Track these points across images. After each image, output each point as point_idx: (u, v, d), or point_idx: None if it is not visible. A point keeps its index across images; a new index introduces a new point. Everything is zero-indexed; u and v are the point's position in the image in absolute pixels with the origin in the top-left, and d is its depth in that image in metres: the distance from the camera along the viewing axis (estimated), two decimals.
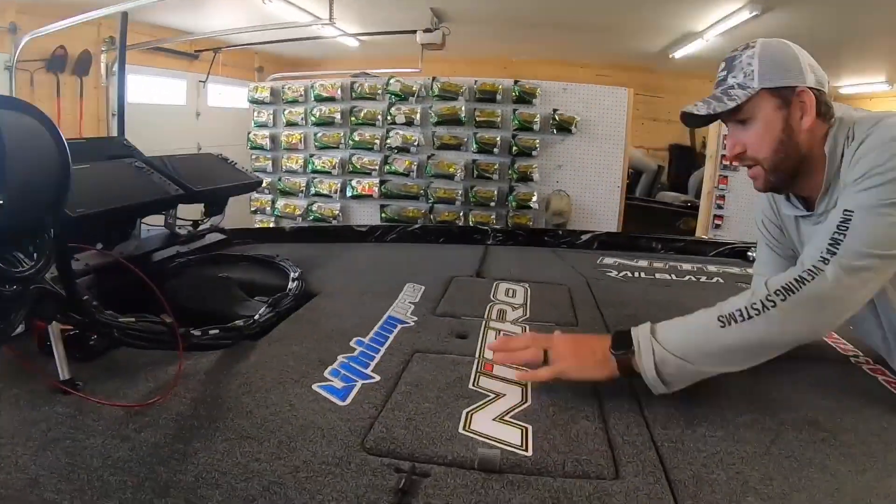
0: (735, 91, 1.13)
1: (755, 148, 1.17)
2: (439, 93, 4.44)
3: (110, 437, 0.89)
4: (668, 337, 1.07)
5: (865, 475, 0.91)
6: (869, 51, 6.49)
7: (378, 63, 6.73)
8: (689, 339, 1.06)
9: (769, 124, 1.14)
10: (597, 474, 0.87)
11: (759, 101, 1.13)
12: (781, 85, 1.12)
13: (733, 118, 1.17)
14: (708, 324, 1.05)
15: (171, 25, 6.53)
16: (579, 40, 7.66)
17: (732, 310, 1.04)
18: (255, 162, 4.78)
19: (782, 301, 1.02)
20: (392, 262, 2.14)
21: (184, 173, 1.66)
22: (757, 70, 1.12)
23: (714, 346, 1.05)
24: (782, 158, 1.16)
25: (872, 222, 1.01)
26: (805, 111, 1.13)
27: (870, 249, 1.00)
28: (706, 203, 4.49)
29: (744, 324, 1.03)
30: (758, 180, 1.21)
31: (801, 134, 1.14)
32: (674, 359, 1.04)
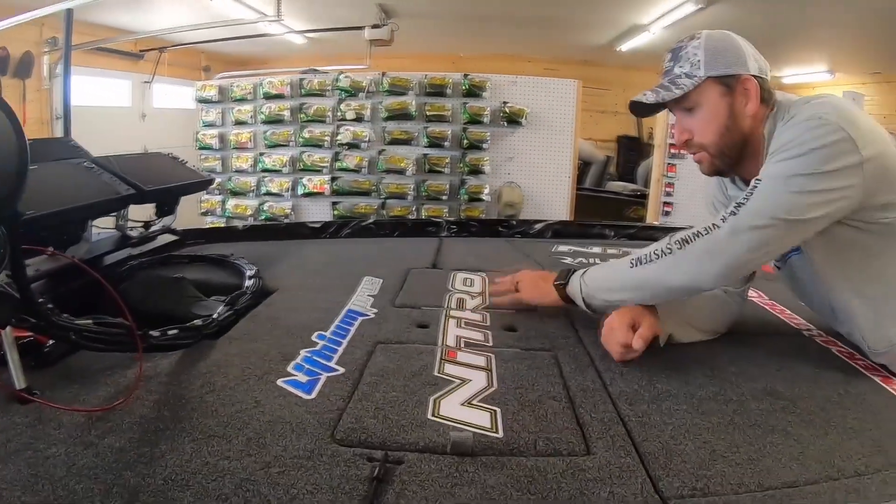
0: (682, 80, 1.18)
1: (701, 134, 1.22)
2: (389, 88, 4.44)
3: (73, 445, 0.86)
4: (593, 276, 1.31)
5: (827, 438, 0.95)
6: (811, 41, 6.72)
7: (325, 61, 6.66)
8: (607, 277, 1.29)
9: (715, 111, 1.20)
10: (568, 451, 0.88)
11: (705, 89, 1.19)
12: (726, 73, 1.18)
13: (680, 106, 1.22)
14: (623, 265, 1.24)
15: (114, 25, 6.33)
16: (527, 35, 7.73)
17: (642, 254, 1.20)
18: (203, 162, 4.69)
19: (678, 249, 1.15)
20: (348, 256, 2.12)
21: (134, 173, 1.61)
22: (703, 59, 1.17)
23: (625, 282, 1.23)
24: (727, 143, 1.21)
25: (776, 189, 1.08)
26: (749, 98, 1.19)
27: (769, 212, 1.07)
28: (655, 191, 4.59)
29: (647, 265, 1.19)
30: (703, 165, 1.27)
31: (745, 119, 1.20)
32: (596, 291, 1.29)
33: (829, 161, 1.05)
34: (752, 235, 1.09)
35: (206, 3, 5.39)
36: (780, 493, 0.79)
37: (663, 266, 1.16)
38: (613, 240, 2.70)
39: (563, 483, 0.79)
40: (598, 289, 1.29)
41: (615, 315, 1.21)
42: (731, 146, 1.22)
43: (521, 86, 4.50)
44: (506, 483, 0.79)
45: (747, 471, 0.84)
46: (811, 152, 1.06)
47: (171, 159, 1.98)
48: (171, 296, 1.50)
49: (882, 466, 0.87)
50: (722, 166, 1.26)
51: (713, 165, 1.26)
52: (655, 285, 1.20)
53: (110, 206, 1.59)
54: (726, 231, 1.10)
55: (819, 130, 1.07)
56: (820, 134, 1.06)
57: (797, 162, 1.07)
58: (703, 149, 1.24)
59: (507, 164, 4.57)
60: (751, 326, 1.48)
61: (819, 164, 1.05)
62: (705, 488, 0.80)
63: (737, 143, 1.22)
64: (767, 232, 1.09)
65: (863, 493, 0.80)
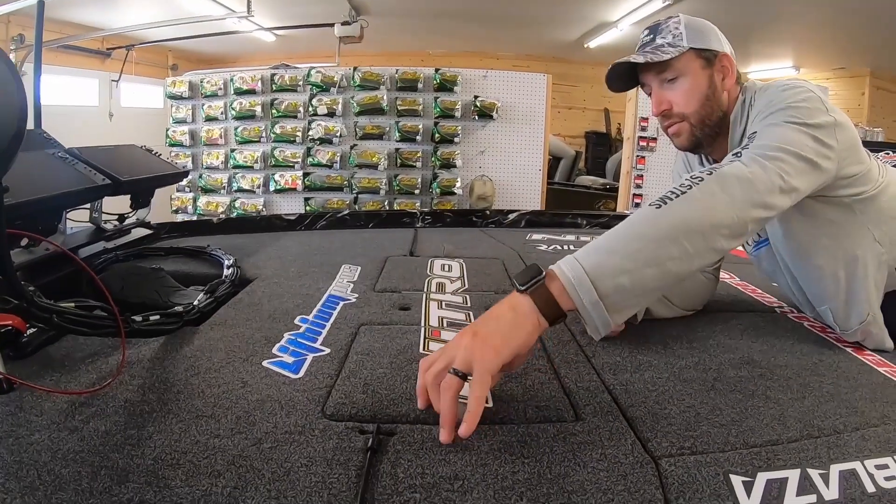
0: (666, 48, 1.20)
1: (682, 104, 1.24)
2: (361, 83, 4.42)
3: (56, 430, 0.85)
4: (587, 250, 0.91)
5: (805, 401, 0.99)
6: (777, 37, 6.88)
7: (295, 58, 6.63)
8: (615, 247, 0.91)
9: (696, 81, 1.23)
10: (558, 417, 0.90)
11: (688, 60, 1.22)
12: (706, 47, 1.22)
13: (661, 77, 1.24)
14: (630, 220, 0.95)
15: (81, 21, 6.20)
16: (496, 32, 7.78)
17: (650, 202, 0.96)
18: (174, 159, 4.61)
19: (699, 182, 0.95)
20: (325, 246, 2.13)
21: (109, 163, 1.58)
22: (684, 33, 1.22)
23: (648, 237, 0.91)
24: (708, 113, 1.24)
25: (777, 130, 1.06)
26: (726, 74, 1.25)
27: (779, 144, 1.02)
28: (625, 183, 4.66)
29: (672, 206, 0.93)
30: (681, 136, 1.28)
31: (723, 94, 1.25)
32: (605, 275, 0.86)
33: (812, 116, 1.08)
34: (775, 164, 1.00)
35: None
36: (764, 451, 0.82)
37: (694, 199, 0.93)
38: (586, 228, 2.74)
39: (554, 447, 0.81)
40: (609, 269, 0.87)
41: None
42: (711, 117, 1.25)
43: (492, 80, 4.53)
44: (499, 449, 0.80)
45: (731, 431, 0.87)
46: (792, 107, 1.08)
47: (145, 151, 1.96)
48: (149, 285, 1.48)
49: (859, 425, 0.91)
50: (701, 137, 1.28)
51: (692, 136, 1.27)
52: (696, 228, 0.91)
53: (86, 196, 1.56)
54: (746, 158, 1.00)
55: (794, 91, 1.11)
56: (797, 93, 1.10)
57: (784, 112, 1.08)
58: (683, 118, 1.25)
59: (479, 158, 4.61)
60: (725, 304, 1.53)
61: (804, 117, 1.07)
62: (693, 447, 0.82)
63: (716, 115, 1.25)
64: (785, 162, 1.01)
65: (843, 448, 0.83)
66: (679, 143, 1.30)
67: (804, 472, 0.77)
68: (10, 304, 0.88)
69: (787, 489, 0.74)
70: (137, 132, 5.98)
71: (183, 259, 1.86)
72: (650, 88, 1.28)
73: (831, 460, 0.80)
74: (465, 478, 0.74)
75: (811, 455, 0.81)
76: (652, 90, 1.27)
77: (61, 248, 1.15)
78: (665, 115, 1.26)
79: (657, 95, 1.26)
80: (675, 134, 1.28)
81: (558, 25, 7.27)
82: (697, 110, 1.24)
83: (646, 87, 1.29)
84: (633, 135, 4.61)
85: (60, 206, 1.48)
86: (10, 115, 0.69)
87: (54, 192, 1.37)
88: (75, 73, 6.41)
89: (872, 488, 0.75)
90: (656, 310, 1.34)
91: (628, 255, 0.89)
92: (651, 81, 1.26)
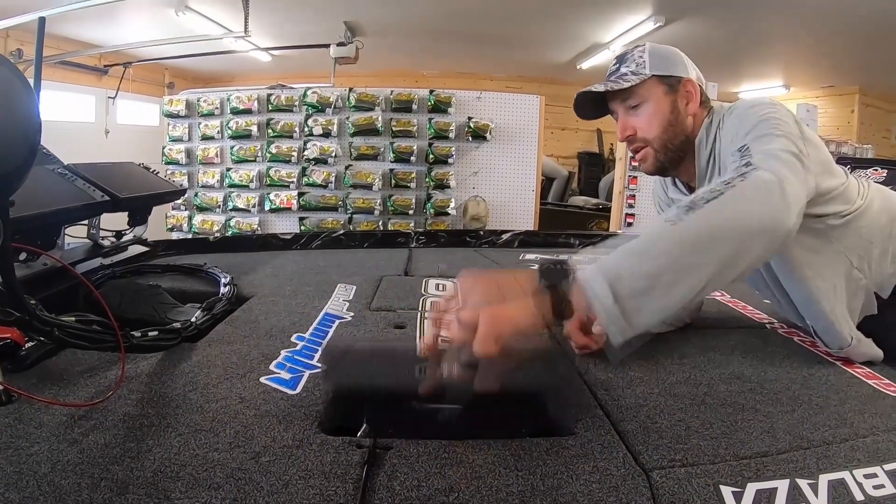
0: (629, 76, 1.25)
1: (646, 129, 1.28)
2: (356, 104, 4.45)
3: (56, 442, 0.86)
4: (612, 256, 0.87)
5: (795, 414, 1.01)
6: (767, 56, 6.97)
7: (290, 78, 6.69)
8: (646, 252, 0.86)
9: (658, 106, 1.27)
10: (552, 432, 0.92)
11: (650, 86, 1.26)
12: (669, 73, 1.27)
13: (625, 104, 1.28)
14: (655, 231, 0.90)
15: (79, 38, 6.24)
16: (490, 53, 7.86)
17: (687, 202, 0.91)
18: (170, 177, 4.62)
19: (725, 190, 0.91)
20: (320, 266, 2.14)
21: (108, 180, 1.61)
22: (647, 61, 1.26)
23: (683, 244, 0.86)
24: (671, 138, 1.28)
25: (763, 141, 1.05)
26: (690, 98, 1.28)
27: (776, 151, 1.01)
28: (618, 203, 4.69)
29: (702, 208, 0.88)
30: (647, 161, 1.32)
31: (687, 118, 1.29)
32: (627, 266, 0.84)
33: (784, 125, 1.09)
34: (786, 163, 0.98)
35: (172, 18, 5.37)
36: (753, 462, 0.84)
37: (725, 204, 0.89)
38: (579, 248, 2.76)
39: (548, 460, 0.83)
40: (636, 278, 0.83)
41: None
42: (674, 141, 1.29)
43: (485, 101, 4.57)
44: (493, 462, 0.82)
45: (721, 443, 0.89)
46: (763, 121, 1.10)
47: (142, 169, 1.98)
48: (146, 302, 1.50)
49: (848, 436, 0.93)
50: (665, 162, 1.31)
51: (657, 161, 1.31)
52: (729, 233, 0.87)
53: (85, 212, 1.58)
54: (759, 162, 0.97)
55: (760, 106, 1.14)
56: (763, 108, 1.13)
57: (761, 128, 1.08)
58: (647, 143, 1.29)
59: (473, 179, 4.63)
60: (715, 320, 1.55)
61: (779, 126, 1.08)
62: (683, 459, 0.84)
63: (679, 139, 1.29)
64: (790, 164, 0.99)
65: (832, 459, 0.86)
66: (645, 168, 1.34)
67: (793, 483, 0.79)
68: (12, 316, 0.89)
69: (776, 499, 0.76)
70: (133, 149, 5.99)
71: (180, 276, 1.88)
72: (617, 115, 1.32)
73: (820, 470, 0.82)
74: (460, 490, 0.76)
75: (800, 465, 0.83)
76: (620, 116, 1.31)
77: (62, 263, 1.17)
78: (629, 140, 1.31)
79: (622, 122, 1.30)
80: (641, 159, 1.33)
81: (551, 47, 7.35)
82: (659, 135, 1.28)
83: (614, 113, 1.33)
84: (626, 155, 4.65)
85: (60, 221, 1.50)
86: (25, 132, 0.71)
87: (54, 207, 1.39)
88: (72, 89, 6.42)
89: (861, 496, 0.77)
90: None
91: (652, 259, 0.85)
92: (617, 108, 1.31)
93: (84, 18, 5.39)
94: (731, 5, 5.23)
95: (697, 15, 5.56)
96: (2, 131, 0.68)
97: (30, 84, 0.72)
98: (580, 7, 5.65)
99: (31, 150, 0.72)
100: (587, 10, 5.71)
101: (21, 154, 0.71)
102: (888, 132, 8.51)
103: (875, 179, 3.33)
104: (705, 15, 5.56)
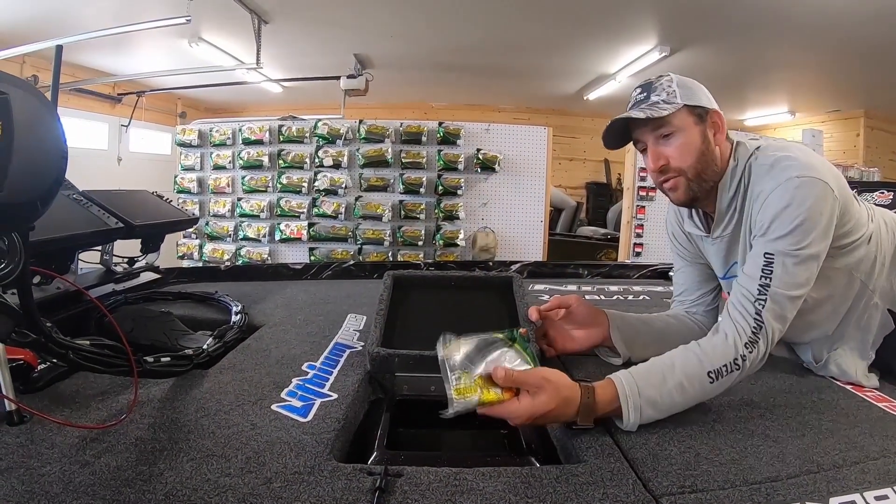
0: (662, 105, 1.23)
1: (679, 158, 1.26)
2: (366, 135, 4.52)
3: (68, 464, 0.86)
4: (653, 398, 1.06)
5: (804, 439, 1.01)
6: (771, 83, 7.04)
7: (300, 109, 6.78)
8: (673, 399, 1.07)
9: (691, 136, 1.26)
10: (561, 460, 0.92)
11: (683, 116, 1.25)
12: (698, 104, 1.26)
13: (655, 133, 1.27)
14: (696, 379, 1.08)
15: (94, 66, 6.37)
16: (498, 85, 7.96)
17: (718, 366, 1.09)
18: (182, 206, 4.68)
19: (749, 352, 1.10)
20: (331, 295, 2.15)
21: (122, 207, 1.63)
22: (678, 91, 1.25)
23: (696, 398, 1.09)
24: (703, 168, 1.27)
25: (790, 269, 1.14)
26: (717, 129, 1.28)
27: (790, 292, 1.14)
28: (626, 232, 4.71)
29: (726, 377, 1.09)
30: (678, 191, 1.30)
31: (716, 149, 1.28)
32: (655, 413, 1.05)
33: (821, 216, 1.15)
34: (785, 317, 1.15)
35: (186, 48, 5.47)
36: (764, 487, 0.84)
37: (741, 373, 1.11)
38: (587, 279, 2.77)
39: (558, 487, 0.83)
40: (657, 412, 1.06)
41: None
42: (706, 172, 1.28)
43: (494, 133, 4.62)
44: (503, 490, 0.82)
45: (731, 469, 0.89)
46: (794, 232, 1.14)
47: (156, 197, 2.01)
48: (158, 328, 1.51)
49: (859, 459, 0.93)
50: (698, 191, 1.30)
51: (689, 191, 1.30)
52: (729, 385, 1.12)
53: (100, 238, 1.60)
54: (769, 326, 1.13)
55: (804, 190, 1.15)
56: (806, 194, 1.15)
57: (793, 236, 1.14)
58: (680, 173, 1.28)
59: (482, 210, 4.66)
60: None
61: (805, 240, 1.14)
62: (693, 485, 0.84)
63: (711, 169, 1.28)
64: (792, 309, 1.15)
65: (842, 482, 0.86)
66: (676, 197, 1.32)
67: None
68: (29, 337, 0.91)
69: None
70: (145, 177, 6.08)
71: (191, 304, 1.89)
72: (643, 145, 1.31)
73: (830, 493, 0.82)
74: None
75: (811, 489, 0.83)
76: (648, 147, 1.30)
77: (78, 287, 1.18)
78: (662, 170, 1.28)
79: (654, 151, 1.29)
80: (672, 188, 1.31)
81: (558, 78, 7.45)
82: (693, 165, 1.26)
83: (639, 143, 1.31)
84: (633, 185, 4.69)
85: (75, 246, 1.52)
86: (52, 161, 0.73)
87: (70, 232, 1.41)
88: (86, 116, 6.54)
89: None
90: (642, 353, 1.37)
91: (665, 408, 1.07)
92: (646, 138, 1.29)
93: (99, 47, 5.52)
94: (735, 34, 5.31)
95: (702, 44, 5.64)
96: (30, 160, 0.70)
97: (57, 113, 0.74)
98: (586, 39, 5.75)
99: (57, 178, 0.74)
100: (593, 41, 5.81)
101: (47, 182, 0.73)
102: (895, 154, 8.54)
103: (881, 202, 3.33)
104: (710, 44, 5.64)
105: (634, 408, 1.03)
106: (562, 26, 5.43)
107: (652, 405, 1.04)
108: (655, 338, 1.42)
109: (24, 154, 0.70)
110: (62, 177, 0.75)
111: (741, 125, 8.77)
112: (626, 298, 2.27)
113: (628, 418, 1.02)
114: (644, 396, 1.04)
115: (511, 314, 1.48)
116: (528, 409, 0.97)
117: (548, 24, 5.40)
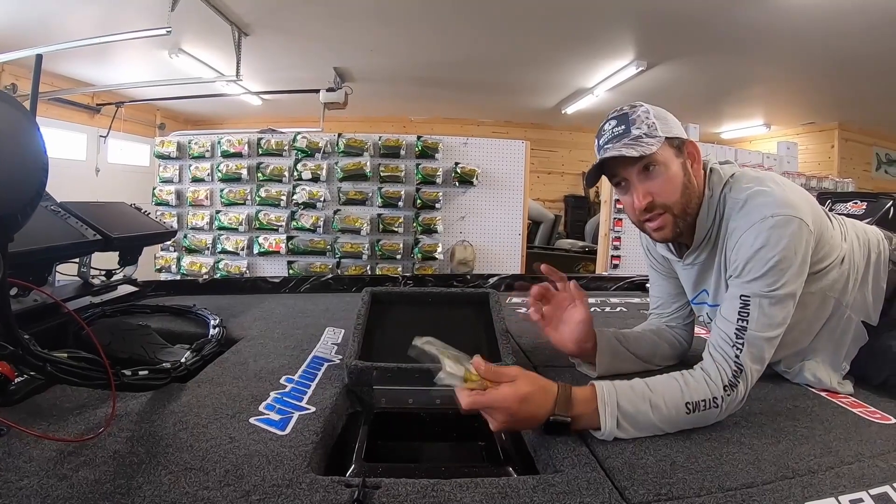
0: (646, 139, 1.19)
1: (665, 194, 1.23)
2: (345, 149, 4.51)
3: (46, 477, 0.86)
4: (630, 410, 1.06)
5: (780, 445, 1.04)
6: (747, 98, 7.18)
7: (280, 122, 6.79)
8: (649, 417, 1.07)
9: (674, 170, 1.23)
10: (538, 470, 0.93)
11: (664, 149, 1.21)
12: (675, 135, 1.23)
13: (637, 167, 1.22)
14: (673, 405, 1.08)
15: (73, 75, 6.31)
16: (476, 99, 8.02)
17: (697, 399, 1.09)
18: (160, 218, 4.62)
19: (727, 395, 1.11)
20: (309, 309, 2.15)
21: (100, 219, 1.62)
22: (656, 123, 1.21)
23: (671, 423, 1.09)
24: (687, 201, 1.25)
25: (766, 310, 1.14)
26: (693, 160, 1.27)
27: (767, 333, 1.14)
28: (603, 245, 4.75)
29: (703, 412, 1.10)
30: (665, 229, 1.26)
31: (694, 180, 1.26)
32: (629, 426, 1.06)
33: (796, 255, 1.15)
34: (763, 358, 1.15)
35: (166, 60, 5.45)
36: (739, 494, 0.86)
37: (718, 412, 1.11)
38: None
39: (535, 497, 0.84)
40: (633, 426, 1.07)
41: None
42: (690, 205, 1.25)
43: (472, 147, 4.64)
44: (481, 500, 0.83)
45: (707, 476, 0.91)
46: (769, 273, 1.14)
47: (134, 209, 2.00)
48: (136, 341, 1.50)
49: (833, 465, 0.96)
50: (683, 227, 1.27)
51: (675, 228, 1.26)
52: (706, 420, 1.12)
53: (78, 250, 1.59)
54: (749, 371, 1.13)
55: (779, 230, 1.14)
56: (781, 234, 1.14)
57: (768, 277, 1.14)
58: (666, 210, 1.24)
59: (460, 224, 4.67)
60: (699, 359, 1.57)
61: (779, 282, 1.14)
62: (669, 493, 0.86)
63: (694, 202, 1.26)
64: (769, 349, 1.16)
65: (817, 486, 0.88)
66: (663, 235, 1.28)
67: None
68: (6, 350, 0.90)
69: None
70: (123, 189, 6.02)
71: (169, 317, 1.88)
72: (622, 180, 1.26)
73: (806, 498, 0.84)
74: None
75: (786, 495, 0.85)
76: (631, 183, 1.24)
77: (55, 300, 1.17)
78: (650, 207, 1.23)
79: (641, 188, 1.23)
80: (659, 227, 1.26)
81: (536, 93, 7.53)
82: (679, 199, 1.23)
83: (616, 178, 1.26)
84: (610, 198, 4.73)
85: (52, 258, 1.51)
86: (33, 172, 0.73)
87: (47, 244, 1.40)
88: (64, 126, 6.47)
89: None
90: (623, 366, 1.40)
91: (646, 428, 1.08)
92: (628, 174, 1.24)
93: (79, 57, 5.48)
94: (711, 49, 5.41)
95: (678, 59, 5.74)
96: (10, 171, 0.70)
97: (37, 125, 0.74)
98: (564, 54, 5.82)
99: (38, 190, 0.74)
100: (571, 56, 5.89)
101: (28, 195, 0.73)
102: (868, 165, 8.74)
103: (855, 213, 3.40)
104: (686, 59, 5.74)
105: (612, 414, 1.04)
106: (540, 41, 5.50)
107: (627, 416, 1.05)
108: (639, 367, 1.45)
109: (3, 166, 0.70)
110: (43, 189, 0.75)
111: (718, 138, 8.91)
112: (603, 310, 2.30)
113: (605, 423, 1.04)
114: (622, 405, 1.05)
115: (488, 329, 1.50)
116: (511, 394, 1.00)
117: (526, 39, 5.46)
